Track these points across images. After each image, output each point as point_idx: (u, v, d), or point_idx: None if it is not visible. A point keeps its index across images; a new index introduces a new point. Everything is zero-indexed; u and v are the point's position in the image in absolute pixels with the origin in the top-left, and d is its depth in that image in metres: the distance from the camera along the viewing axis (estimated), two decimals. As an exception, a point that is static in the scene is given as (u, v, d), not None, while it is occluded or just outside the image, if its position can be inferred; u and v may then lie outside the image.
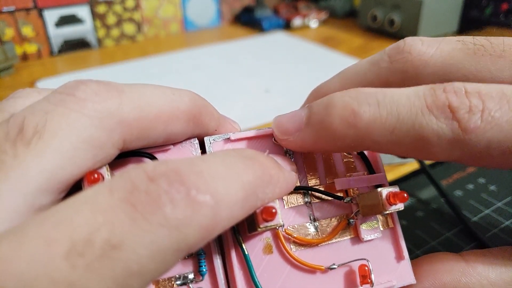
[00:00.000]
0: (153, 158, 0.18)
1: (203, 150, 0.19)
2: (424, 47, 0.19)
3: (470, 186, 0.34)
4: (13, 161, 0.13)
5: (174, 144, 0.18)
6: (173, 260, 0.12)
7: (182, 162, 0.13)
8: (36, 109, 0.15)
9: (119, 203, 0.12)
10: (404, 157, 0.28)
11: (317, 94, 0.23)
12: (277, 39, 0.71)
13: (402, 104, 0.16)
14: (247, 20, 0.79)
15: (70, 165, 0.14)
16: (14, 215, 0.13)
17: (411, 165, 0.37)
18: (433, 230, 0.29)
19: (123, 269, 0.11)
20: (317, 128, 0.17)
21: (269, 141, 0.20)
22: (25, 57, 0.64)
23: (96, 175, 0.15)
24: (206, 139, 0.19)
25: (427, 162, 0.37)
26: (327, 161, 0.20)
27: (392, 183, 0.33)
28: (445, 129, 0.16)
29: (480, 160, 0.16)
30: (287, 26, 0.76)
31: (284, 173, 0.17)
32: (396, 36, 0.68)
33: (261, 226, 0.16)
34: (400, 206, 0.18)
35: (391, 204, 0.18)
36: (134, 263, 0.11)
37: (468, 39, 0.19)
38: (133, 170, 0.13)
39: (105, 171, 0.16)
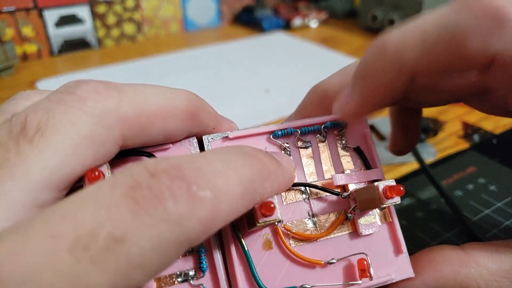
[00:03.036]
0: (152, 156, 0.18)
1: (201, 149, 0.19)
2: None
3: (470, 186, 0.34)
4: (16, 159, 0.14)
5: (173, 143, 0.18)
6: (175, 254, 0.13)
7: (182, 158, 0.14)
8: (38, 107, 0.15)
9: (121, 199, 0.12)
10: (402, 153, 0.28)
11: (317, 91, 0.23)
12: (277, 39, 0.72)
13: (427, 19, 0.17)
14: (247, 20, 0.79)
15: (71, 161, 0.14)
16: (18, 211, 0.13)
17: (411, 165, 0.37)
18: (433, 230, 0.29)
19: (126, 262, 0.11)
20: (360, 80, 0.19)
21: (267, 138, 0.20)
22: (25, 57, 0.64)
23: (96, 173, 0.15)
24: (204, 137, 0.19)
25: (427, 162, 0.37)
26: (324, 158, 0.20)
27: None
28: (476, 21, 0.16)
29: None
30: (287, 26, 0.77)
31: (283, 169, 0.17)
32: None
33: (260, 221, 0.16)
34: (397, 200, 0.18)
35: (387, 198, 0.18)
36: (136, 256, 0.12)
37: None
38: (135, 167, 0.13)
39: (105, 169, 0.16)
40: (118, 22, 0.70)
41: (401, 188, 0.18)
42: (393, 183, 0.18)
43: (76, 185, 0.15)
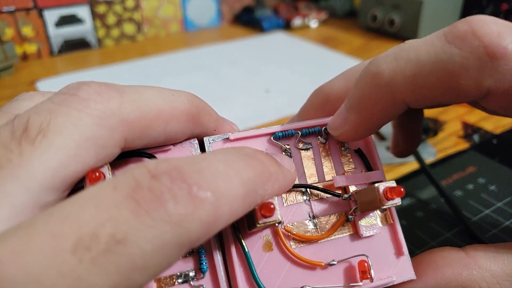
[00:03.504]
0: (153, 158, 0.18)
1: (202, 150, 0.19)
2: None
3: (470, 186, 0.34)
4: (19, 160, 0.14)
5: (174, 144, 0.19)
6: (176, 255, 0.13)
7: (183, 160, 0.14)
8: (40, 109, 0.15)
9: (123, 200, 0.12)
10: (403, 155, 0.28)
11: (320, 93, 0.23)
12: (277, 39, 0.72)
13: (420, 48, 0.17)
14: (247, 20, 0.79)
15: (73, 163, 0.15)
16: (21, 212, 0.13)
17: (411, 165, 0.37)
18: (433, 230, 0.29)
19: (127, 263, 0.11)
20: (355, 106, 0.19)
21: (267, 140, 0.20)
22: (25, 57, 0.64)
23: (97, 173, 0.15)
24: (205, 139, 0.19)
25: (427, 162, 0.37)
26: (325, 159, 0.20)
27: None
28: (470, 57, 0.16)
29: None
30: (287, 26, 0.77)
31: (283, 171, 0.17)
32: (396, 36, 0.68)
33: (260, 222, 0.16)
34: (397, 201, 0.18)
35: (388, 199, 0.18)
36: (138, 258, 0.12)
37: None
38: (136, 168, 0.13)
39: (106, 170, 0.16)
40: (118, 22, 0.70)
41: (402, 189, 0.18)
42: (394, 184, 0.18)
43: (77, 185, 0.15)
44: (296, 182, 0.19)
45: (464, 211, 0.31)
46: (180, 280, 0.17)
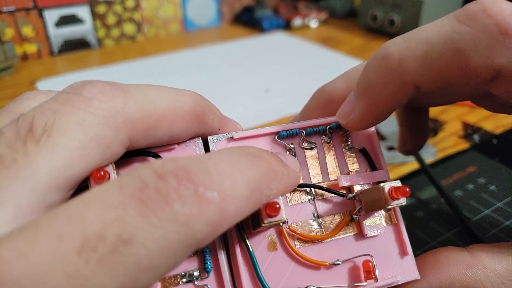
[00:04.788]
0: (157, 157, 0.18)
1: (206, 149, 0.19)
2: None
3: (470, 186, 0.34)
4: (24, 159, 0.14)
5: (178, 143, 0.18)
6: (182, 255, 0.13)
7: (189, 159, 0.14)
8: (44, 108, 0.15)
9: (129, 200, 0.12)
10: (411, 153, 0.28)
11: (322, 93, 0.23)
12: (277, 39, 0.72)
13: (430, 29, 0.16)
14: (247, 20, 0.79)
15: (78, 162, 0.14)
16: (25, 212, 0.13)
17: (411, 165, 0.37)
18: (433, 230, 0.29)
19: (134, 264, 0.11)
20: (364, 92, 0.18)
21: (272, 139, 0.20)
22: (25, 57, 0.64)
23: (102, 173, 0.15)
24: (209, 138, 0.19)
25: (427, 162, 0.37)
26: (329, 159, 0.20)
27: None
28: (480, 35, 0.15)
29: None
30: (287, 26, 0.77)
31: (288, 170, 0.17)
32: (396, 36, 0.68)
33: (265, 221, 0.16)
34: (402, 201, 0.18)
35: (393, 199, 0.18)
36: (144, 258, 0.12)
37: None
38: (142, 168, 0.13)
39: (111, 169, 0.16)
40: (118, 22, 0.70)
41: (407, 189, 0.18)
42: (399, 184, 0.18)
43: (82, 185, 0.15)
44: (301, 181, 0.19)
45: (464, 211, 0.31)
46: (184, 280, 0.17)
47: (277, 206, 0.16)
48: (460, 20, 0.16)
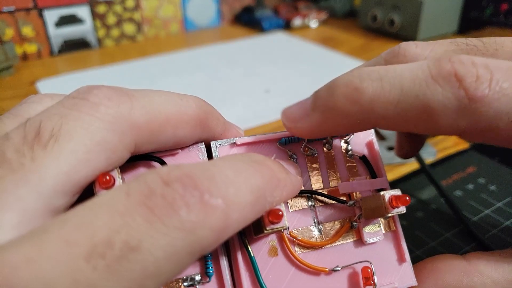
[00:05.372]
0: (161, 161, 0.18)
1: (209, 154, 0.19)
2: (418, 50, 0.20)
3: (470, 186, 0.34)
4: (31, 164, 0.14)
5: (181, 148, 0.19)
6: (188, 262, 0.13)
7: (194, 166, 0.14)
8: (51, 113, 0.15)
9: (136, 207, 0.12)
10: (408, 156, 0.28)
11: None
12: (277, 39, 0.72)
13: (406, 76, 0.16)
14: (247, 20, 0.79)
15: (84, 167, 0.15)
16: (32, 216, 0.13)
17: (411, 165, 0.37)
18: (433, 230, 0.29)
19: (141, 270, 0.12)
20: (323, 109, 0.18)
21: (274, 145, 0.20)
22: (25, 57, 0.64)
23: (107, 177, 0.15)
24: (212, 143, 0.19)
25: (427, 162, 0.37)
26: (330, 165, 0.20)
27: (392, 183, 0.33)
28: (451, 98, 0.16)
29: (486, 133, 0.16)
30: (287, 26, 0.76)
31: (291, 177, 0.17)
32: (396, 36, 0.68)
33: (267, 228, 0.17)
34: (402, 209, 0.18)
35: (393, 207, 0.18)
36: (151, 265, 0.12)
37: (461, 40, 0.20)
38: (149, 175, 0.13)
39: (116, 174, 0.16)
40: (118, 22, 0.70)
41: (407, 198, 0.18)
42: (399, 192, 0.18)
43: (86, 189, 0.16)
44: (302, 188, 0.19)
45: (464, 211, 0.31)
46: (186, 284, 0.17)
47: (280, 213, 0.16)
48: (434, 77, 0.16)
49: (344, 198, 0.20)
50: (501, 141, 0.17)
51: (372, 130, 0.21)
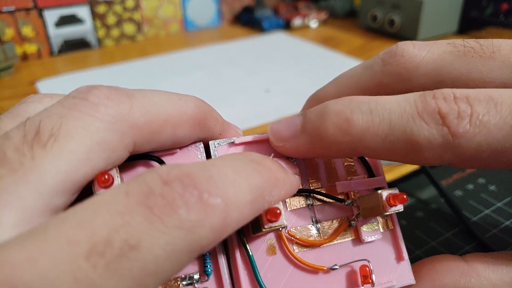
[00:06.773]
0: (160, 161, 0.18)
1: (207, 153, 0.19)
2: (415, 50, 0.20)
3: (470, 186, 0.34)
4: (31, 164, 0.14)
5: (180, 147, 0.19)
6: (187, 261, 0.13)
7: (194, 166, 0.14)
8: (51, 112, 0.15)
9: (136, 206, 0.12)
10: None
11: (314, 101, 0.24)
12: (277, 39, 0.72)
13: (394, 111, 0.17)
14: (247, 20, 0.79)
15: (84, 166, 0.15)
16: (31, 215, 0.14)
17: (411, 165, 0.37)
18: (433, 230, 0.29)
19: (140, 269, 0.12)
20: (312, 135, 0.18)
21: (271, 144, 0.20)
22: (25, 57, 0.64)
23: (106, 176, 0.15)
24: (211, 143, 0.19)
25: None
26: (328, 165, 0.21)
27: (392, 183, 0.33)
28: (435, 134, 0.16)
29: (471, 162, 0.17)
30: (287, 26, 0.77)
31: (289, 176, 0.17)
32: (396, 36, 0.68)
33: (265, 226, 0.17)
34: (400, 208, 0.18)
35: (391, 206, 0.18)
36: (151, 263, 0.12)
37: (458, 41, 0.20)
38: (148, 174, 0.13)
39: (114, 173, 0.16)
40: (118, 22, 0.70)
41: (405, 197, 0.18)
42: (397, 191, 0.19)
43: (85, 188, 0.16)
44: (300, 187, 0.19)
45: (464, 211, 0.31)
46: (184, 282, 0.17)
47: (278, 211, 0.16)
48: (420, 113, 0.16)
49: (342, 197, 0.20)
50: (486, 167, 0.17)
51: None
